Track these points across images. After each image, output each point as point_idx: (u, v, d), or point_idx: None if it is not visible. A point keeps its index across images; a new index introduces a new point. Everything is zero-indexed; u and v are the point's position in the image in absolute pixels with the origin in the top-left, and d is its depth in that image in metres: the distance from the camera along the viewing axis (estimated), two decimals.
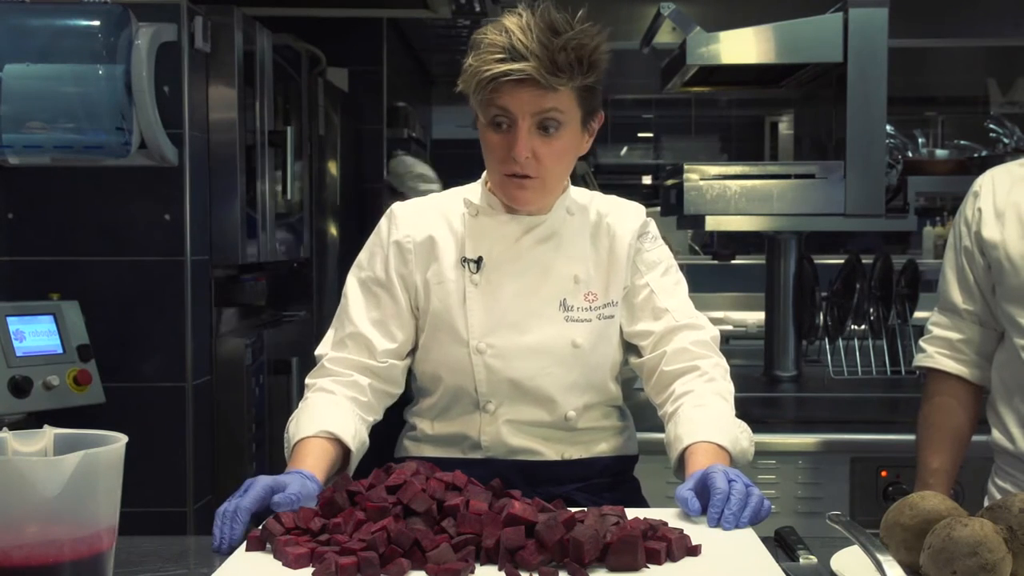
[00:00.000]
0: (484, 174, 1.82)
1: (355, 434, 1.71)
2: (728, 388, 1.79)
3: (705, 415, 1.70)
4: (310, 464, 1.61)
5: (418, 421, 1.86)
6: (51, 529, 1.03)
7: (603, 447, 1.85)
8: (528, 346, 1.76)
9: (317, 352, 1.84)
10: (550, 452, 1.81)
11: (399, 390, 1.84)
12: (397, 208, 1.84)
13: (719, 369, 1.80)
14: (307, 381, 1.81)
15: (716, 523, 1.46)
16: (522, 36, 1.62)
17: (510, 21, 1.65)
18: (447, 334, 1.77)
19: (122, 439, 1.13)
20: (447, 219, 1.82)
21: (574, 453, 1.82)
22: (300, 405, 1.77)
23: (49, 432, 1.15)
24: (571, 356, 1.77)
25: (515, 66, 1.62)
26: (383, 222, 1.85)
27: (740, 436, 1.72)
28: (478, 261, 1.77)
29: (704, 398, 1.73)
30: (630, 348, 1.87)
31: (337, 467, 1.69)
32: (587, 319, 1.78)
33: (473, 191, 1.83)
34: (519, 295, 1.77)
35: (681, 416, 1.72)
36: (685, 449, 1.66)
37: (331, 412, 1.71)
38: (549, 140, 1.68)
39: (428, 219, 1.82)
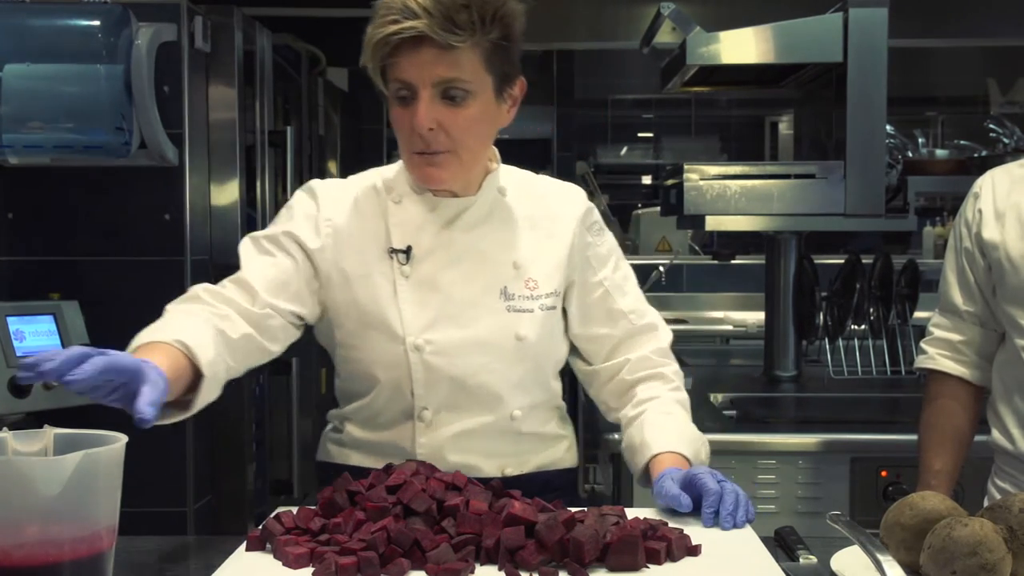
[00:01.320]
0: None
1: (213, 361, 1.44)
2: (687, 397, 1.75)
3: (673, 424, 1.67)
4: (158, 361, 1.33)
5: (345, 424, 1.73)
6: (51, 529, 1.03)
7: (543, 459, 1.73)
8: (470, 340, 1.63)
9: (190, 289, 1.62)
10: (489, 467, 1.67)
11: (277, 349, 1.63)
12: (318, 186, 1.69)
13: (679, 376, 1.77)
14: (167, 307, 1.57)
15: (712, 523, 1.45)
16: None
17: None
18: (379, 331, 1.63)
19: (122, 439, 1.14)
20: (367, 204, 1.67)
21: (514, 468, 1.70)
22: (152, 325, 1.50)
23: (49, 432, 1.15)
24: (515, 350, 1.65)
25: (406, 24, 1.48)
26: (301, 196, 1.68)
27: (701, 449, 1.68)
28: (407, 251, 1.63)
29: (669, 406, 1.70)
30: (574, 350, 1.78)
31: (184, 389, 1.42)
32: (529, 309, 1.66)
33: (392, 173, 1.69)
34: (456, 285, 1.64)
35: (647, 422, 1.67)
36: (652, 457, 1.62)
37: (190, 328, 1.47)
38: (456, 109, 1.54)
39: (349, 204, 1.67)
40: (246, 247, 1.66)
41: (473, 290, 1.64)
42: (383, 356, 1.63)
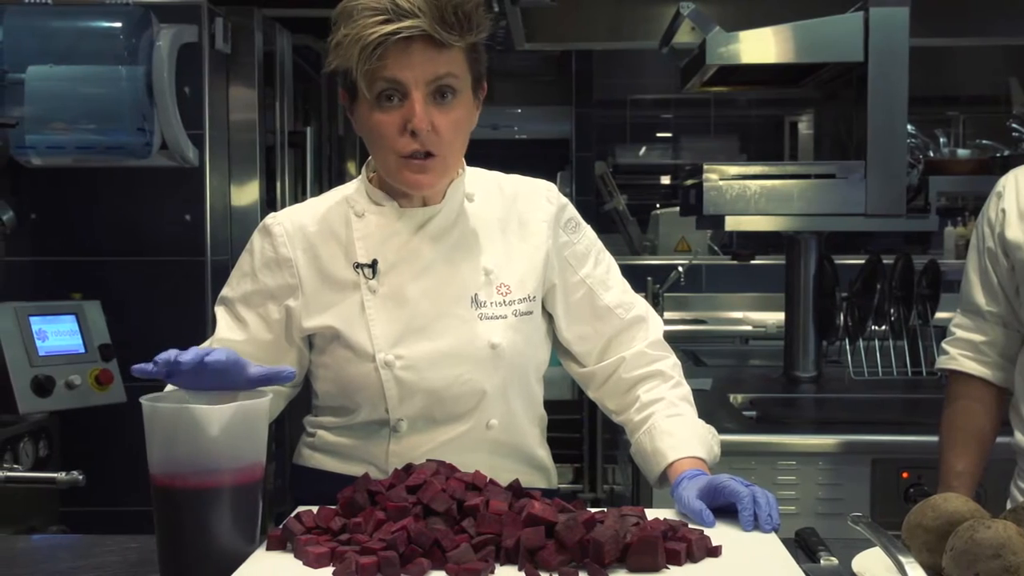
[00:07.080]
0: (364, 171, 1.67)
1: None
2: (689, 390, 1.72)
3: (683, 427, 1.64)
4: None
5: (318, 430, 1.70)
6: (215, 460, 1.29)
7: (519, 476, 1.59)
8: (442, 352, 1.59)
9: None
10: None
11: (292, 388, 1.70)
12: (272, 223, 1.65)
13: (678, 369, 1.73)
14: None
15: (752, 527, 1.44)
16: None
17: None
18: (349, 350, 1.60)
19: (267, 395, 1.36)
20: (329, 225, 1.63)
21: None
22: None
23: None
24: (491, 359, 1.61)
25: (404, 23, 1.46)
26: (257, 240, 1.66)
27: (713, 443, 1.66)
28: (373, 265, 1.60)
29: (676, 407, 1.67)
30: (567, 353, 1.75)
31: None
32: (502, 315, 1.62)
33: (353, 189, 1.67)
34: (425, 296, 1.60)
35: (657, 428, 1.64)
36: (668, 465, 1.61)
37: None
38: (446, 109, 1.53)
39: (308, 230, 1.63)
40: (222, 316, 1.67)
41: (442, 300, 1.61)
42: (353, 377, 1.61)
